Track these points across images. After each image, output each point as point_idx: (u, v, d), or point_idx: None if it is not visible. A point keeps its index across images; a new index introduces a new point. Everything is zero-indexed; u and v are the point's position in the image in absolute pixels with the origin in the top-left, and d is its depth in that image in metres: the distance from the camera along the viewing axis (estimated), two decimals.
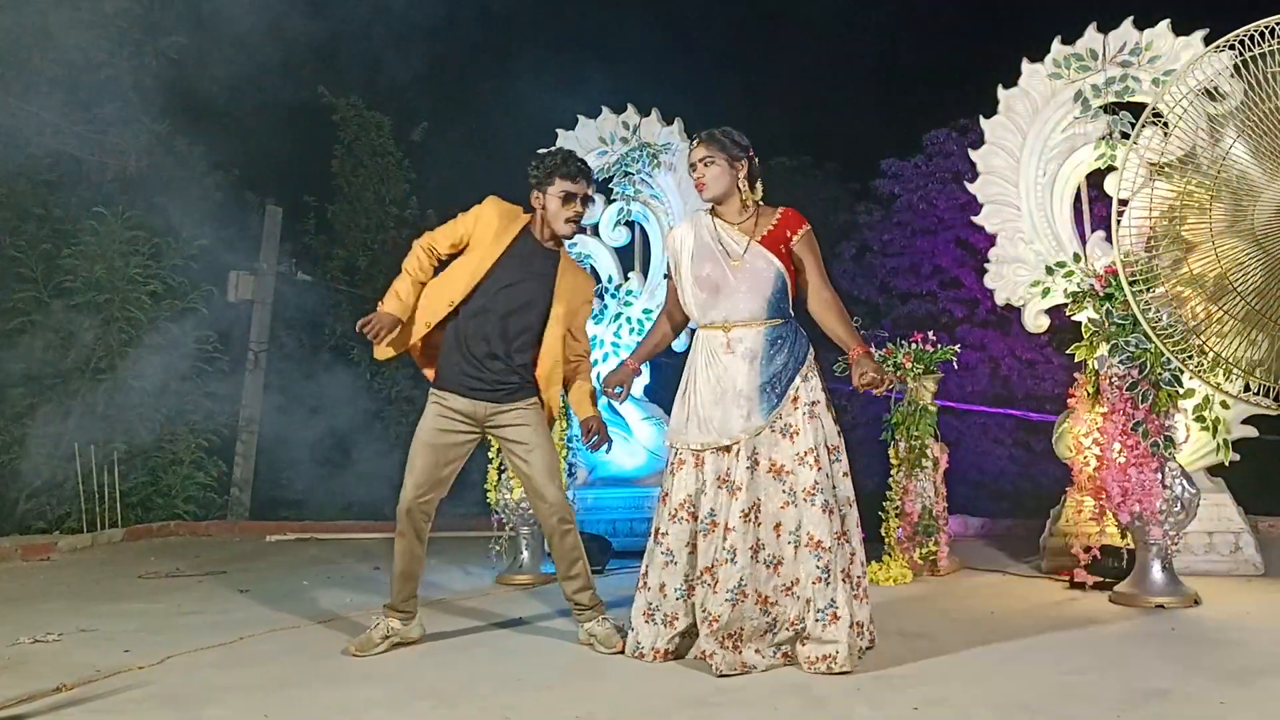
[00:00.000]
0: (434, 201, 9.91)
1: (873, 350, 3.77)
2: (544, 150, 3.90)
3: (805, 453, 3.46)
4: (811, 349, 3.63)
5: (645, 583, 3.58)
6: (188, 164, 8.55)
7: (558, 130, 6.46)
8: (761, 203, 3.72)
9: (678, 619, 3.52)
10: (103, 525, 7.19)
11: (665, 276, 3.87)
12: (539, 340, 3.81)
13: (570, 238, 3.89)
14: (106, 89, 7.71)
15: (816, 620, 3.38)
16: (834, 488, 3.50)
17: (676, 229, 3.78)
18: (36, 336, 7.36)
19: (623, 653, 3.61)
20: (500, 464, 5.38)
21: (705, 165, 3.64)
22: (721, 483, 3.47)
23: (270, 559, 6.32)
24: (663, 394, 6.13)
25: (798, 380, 3.53)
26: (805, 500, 3.43)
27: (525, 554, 5.36)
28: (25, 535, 6.83)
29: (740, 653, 3.40)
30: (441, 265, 3.87)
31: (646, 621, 3.56)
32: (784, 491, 3.45)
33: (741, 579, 3.40)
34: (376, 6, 9.96)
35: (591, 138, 6.40)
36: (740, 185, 3.65)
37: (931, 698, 3.04)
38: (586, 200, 3.86)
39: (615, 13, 10.36)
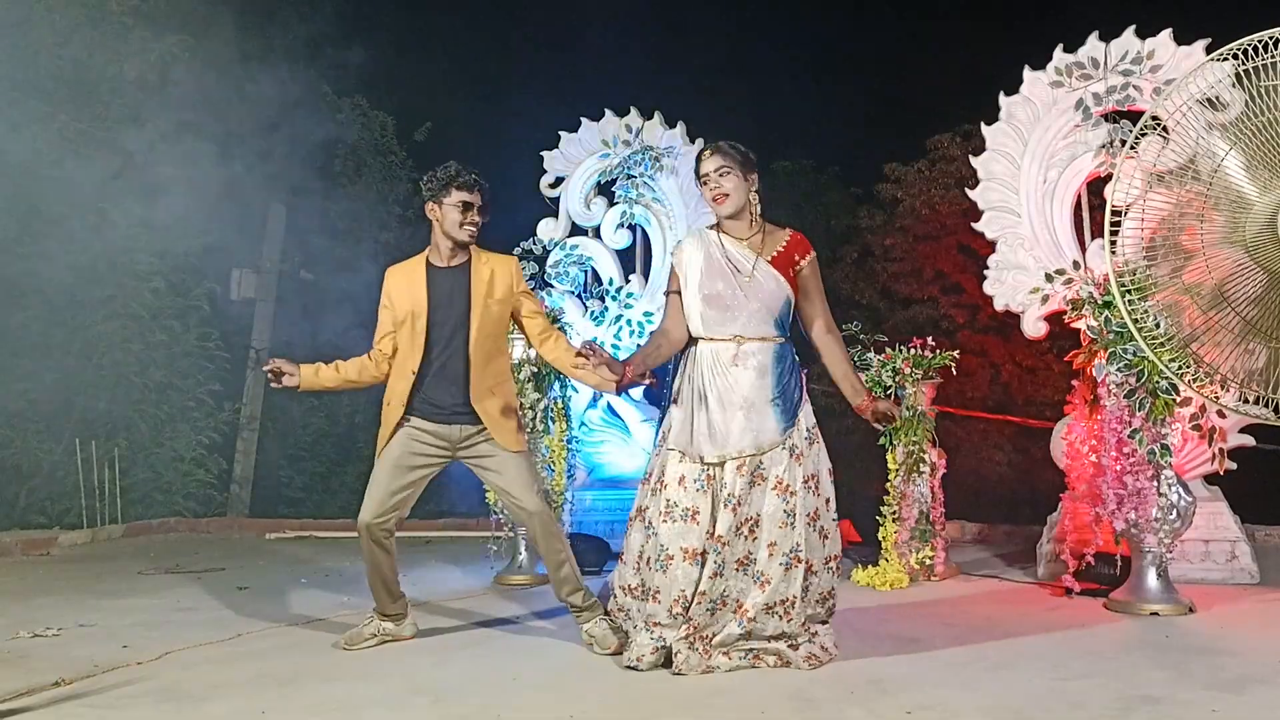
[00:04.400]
0: None
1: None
2: (434, 170, 3.89)
3: (809, 478, 3.53)
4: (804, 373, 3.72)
5: (656, 598, 3.51)
6: (192, 161, 8.56)
7: (560, 132, 6.48)
8: (762, 218, 3.70)
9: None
10: (103, 521, 7.21)
11: (666, 293, 3.80)
12: (471, 358, 3.79)
13: (469, 244, 3.86)
14: (112, 86, 7.72)
15: (801, 633, 3.49)
16: (832, 513, 3.59)
17: (684, 244, 3.75)
18: (39, 332, 7.38)
19: (619, 654, 3.61)
20: None
21: (721, 176, 3.59)
22: (721, 494, 3.47)
23: (269, 556, 6.34)
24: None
25: (804, 403, 3.59)
26: (808, 524, 3.48)
27: (523, 554, 5.37)
28: (26, 530, 6.85)
29: (709, 656, 3.42)
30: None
31: (648, 629, 3.53)
32: (785, 511, 3.46)
33: (725, 590, 3.45)
34: (382, 6, 9.99)
35: (594, 140, 6.42)
36: (751, 199, 3.64)
37: (925, 702, 3.06)
38: (484, 210, 3.87)
39: (619, 15, 10.38)
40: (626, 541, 3.69)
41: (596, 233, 6.44)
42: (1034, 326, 5.44)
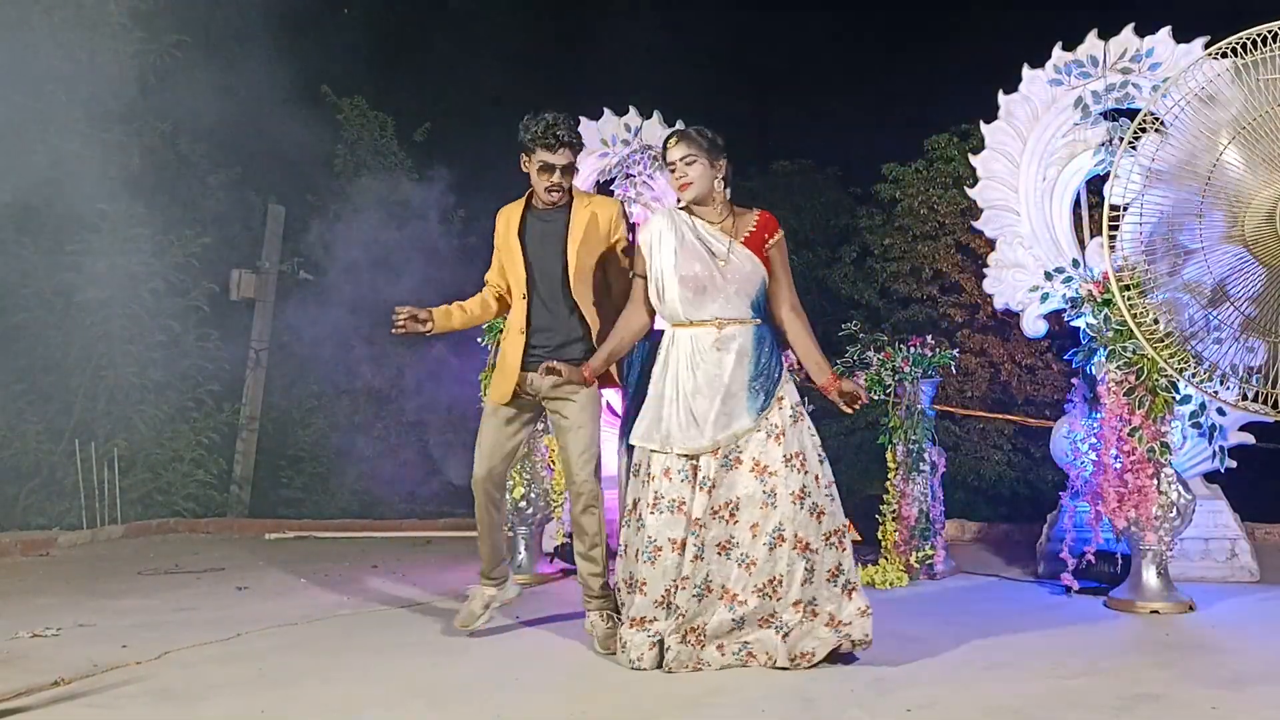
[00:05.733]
0: (436, 201, 9.92)
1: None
2: (532, 115, 3.85)
3: (792, 455, 3.48)
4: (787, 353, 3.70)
5: (643, 590, 3.49)
6: (190, 162, 8.56)
7: None
8: (730, 201, 3.71)
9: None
10: (102, 522, 7.20)
11: (631, 276, 3.77)
12: (573, 299, 3.84)
13: (553, 205, 3.87)
14: (110, 87, 7.72)
15: (803, 620, 3.42)
16: (826, 487, 3.54)
17: (651, 224, 3.70)
18: (38, 333, 7.37)
19: (613, 654, 3.59)
20: None
21: (686, 164, 3.59)
22: (697, 479, 3.47)
23: (268, 557, 6.33)
24: None
25: (784, 381, 3.57)
26: (794, 503, 3.44)
27: (522, 554, 5.37)
28: (25, 531, 6.84)
29: (701, 648, 3.41)
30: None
31: (641, 628, 3.49)
32: (764, 492, 3.44)
33: (708, 574, 3.42)
34: (381, 5, 9.98)
35: (593, 139, 6.40)
36: (717, 185, 3.64)
37: (924, 700, 3.06)
38: (568, 170, 3.83)
39: (618, 14, 10.37)
40: (621, 537, 3.68)
41: None
42: (1033, 325, 5.43)
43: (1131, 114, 5.17)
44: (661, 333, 3.71)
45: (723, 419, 3.46)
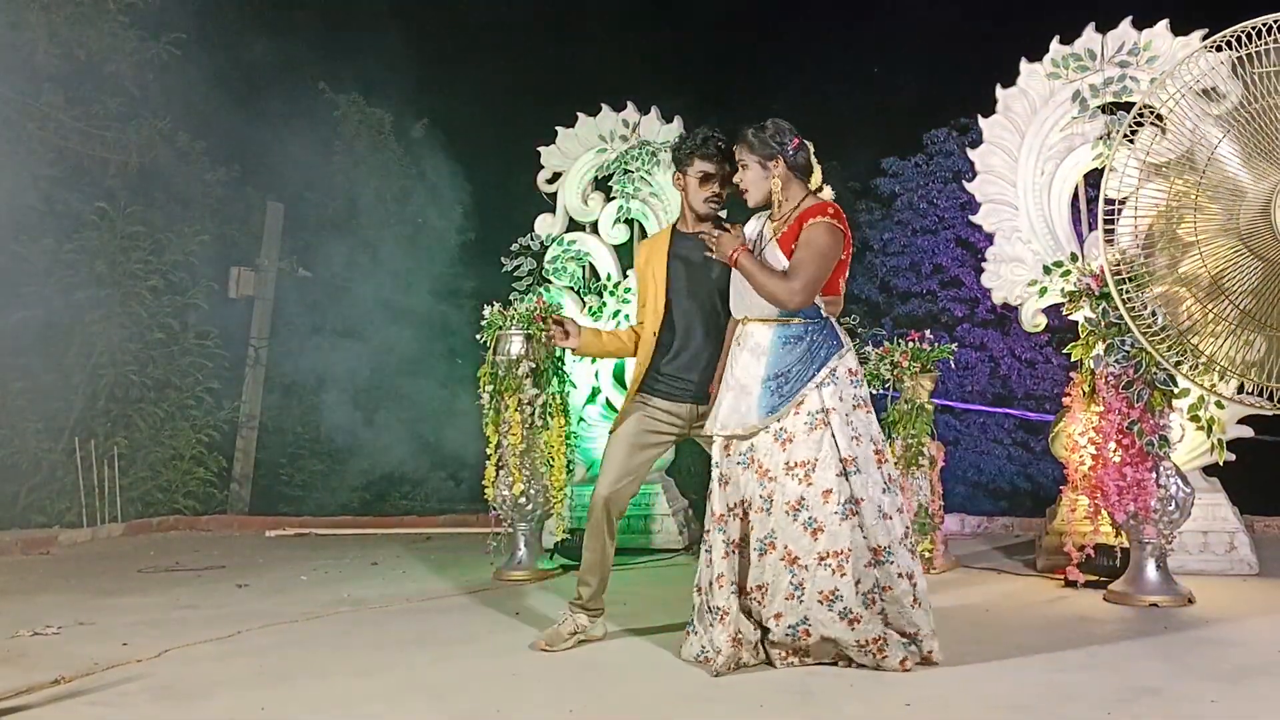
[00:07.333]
0: (434, 199, 9.93)
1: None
2: (688, 133, 3.83)
3: (796, 464, 3.34)
4: (844, 357, 3.44)
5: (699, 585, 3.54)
6: (189, 160, 8.56)
7: (557, 128, 6.47)
8: (817, 193, 3.56)
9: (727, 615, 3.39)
10: (102, 520, 7.21)
11: None
12: (719, 325, 3.78)
13: (710, 218, 3.78)
14: (108, 84, 7.72)
15: (786, 634, 3.33)
16: (842, 504, 3.31)
17: (746, 226, 3.70)
18: (38, 331, 7.38)
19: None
20: (499, 460, 5.38)
21: (742, 170, 3.57)
22: (719, 474, 3.48)
23: (269, 554, 6.34)
24: None
25: (808, 387, 3.37)
26: (786, 514, 3.33)
27: (523, 550, 5.37)
28: (25, 529, 6.85)
29: (740, 650, 3.38)
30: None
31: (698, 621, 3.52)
32: (762, 496, 3.38)
33: (721, 572, 3.41)
34: (379, 3, 9.97)
35: (591, 135, 6.41)
36: (774, 184, 3.52)
37: (923, 695, 3.06)
38: (726, 181, 3.75)
39: (617, 9, 10.36)
40: None
41: (594, 228, 6.43)
42: (1032, 320, 5.43)
43: (1129, 107, 5.17)
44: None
45: (734, 415, 3.43)
